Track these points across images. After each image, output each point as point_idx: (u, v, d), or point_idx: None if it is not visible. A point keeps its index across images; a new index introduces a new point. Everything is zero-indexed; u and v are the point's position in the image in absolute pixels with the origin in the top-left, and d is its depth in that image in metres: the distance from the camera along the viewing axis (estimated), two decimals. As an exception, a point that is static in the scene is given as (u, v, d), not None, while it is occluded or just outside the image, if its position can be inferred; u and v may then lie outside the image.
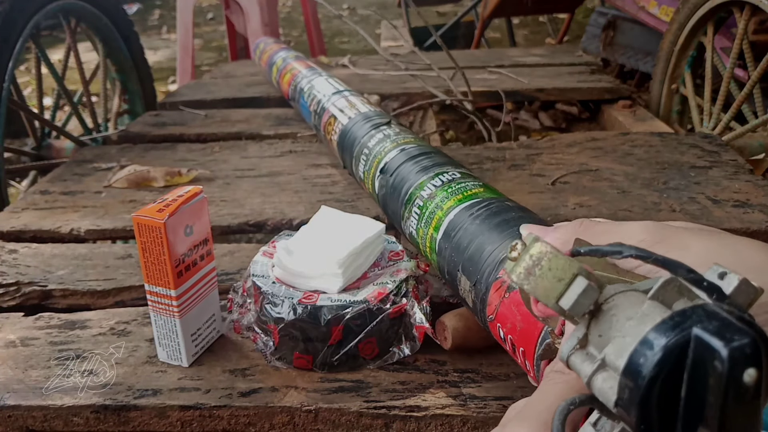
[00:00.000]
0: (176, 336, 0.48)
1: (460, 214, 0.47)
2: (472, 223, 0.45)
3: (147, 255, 0.45)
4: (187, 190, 0.48)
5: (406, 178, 0.56)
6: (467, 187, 0.50)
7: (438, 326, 0.49)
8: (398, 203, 0.56)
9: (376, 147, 0.64)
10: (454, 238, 0.46)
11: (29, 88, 2.84)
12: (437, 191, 0.51)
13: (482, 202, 0.47)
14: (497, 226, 0.43)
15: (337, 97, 0.83)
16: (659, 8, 1.72)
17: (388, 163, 0.61)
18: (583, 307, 0.23)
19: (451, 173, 0.53)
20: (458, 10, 3.10)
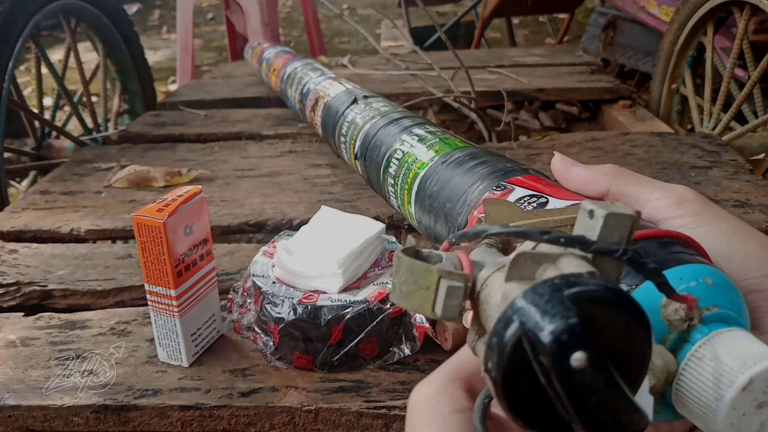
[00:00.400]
0: (176, 336, 0.48)
1: (434, 166, 0.47)
2: (445, 172, 0.45)
3: (147, 255, 0.45)
4: (187, 189, 0.48)
5: (383, 143, 0.57)
6: (443, 140, 0.50)
7: (438, 326, 0.49)
8: (378, 170, 0.57)
9: (355, 120, 0.66)
10: (428, 190, 0.46)
11: (29, 88, 2.84)
12: (413, 148, 0.52)
13: (455, 153, 0.47)
14: (471, 169, 0.43)
15: (317, 80, 0.84)
16: (659, 8, 1.72)
17: (367, 133, 0.61)
18: (455, 309, 0.22)
19: (424, 129, 0.54)
20: (458, 10, 3.10)
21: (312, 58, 1.10)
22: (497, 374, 0.19)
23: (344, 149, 0.69)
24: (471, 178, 0.42)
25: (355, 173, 0.85)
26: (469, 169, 0.43)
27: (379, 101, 0.68)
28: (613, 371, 0.19)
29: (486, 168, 0.42)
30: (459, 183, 0.43)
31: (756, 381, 0.21)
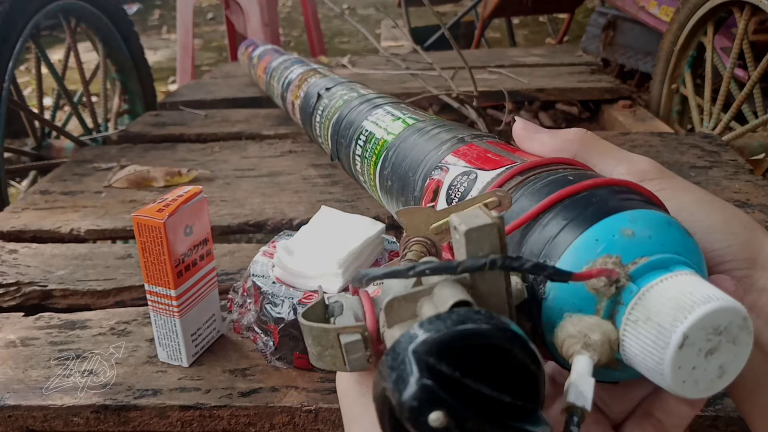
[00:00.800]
0: (176, 336, 0.48)
1: (396, 140, 0.48)
2: (405, 143, 0.45)
3: (147, 255, 0.45)
4: (187, 190, 0.48)
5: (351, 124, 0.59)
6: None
7: None
8: (349, 150, 0.58)
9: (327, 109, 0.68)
10: (389, 161, 0.47)
11: (29, 88, 2.84)
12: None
13: (417, 125, 0.48)
14: (430, 138, 0.43)
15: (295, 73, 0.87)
16: (659, 8, 1.72)
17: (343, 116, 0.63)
18: (361, 361, 0.22)
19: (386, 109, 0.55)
20: (458, 10, 3.10)
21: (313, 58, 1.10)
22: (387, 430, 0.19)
23: (321, 140, 0.71)
24: (428, 145, 0.41)
25: (355, 173, 0.85)
26: (429, 138, 0.43)
27: (344, 89, 0.70)
28: (484, 410, 0.18)
29: (441, 137, 0.42)
30: (417, 153, 0.42)
31: (692, 334, 0.20)
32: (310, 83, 0.79)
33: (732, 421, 0.43)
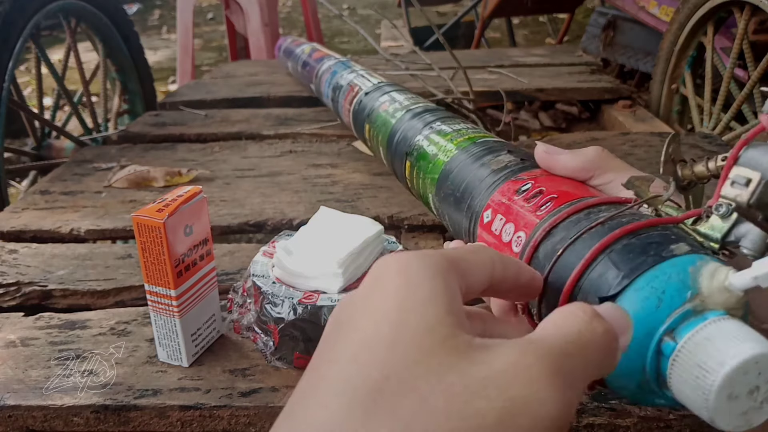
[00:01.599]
0: (176, 336, 0.48)
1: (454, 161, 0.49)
2: (463, 166, 0.47)
3: (147, 255, 0.45)
4: (187, 189, 0.48)
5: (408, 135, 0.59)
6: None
7: None
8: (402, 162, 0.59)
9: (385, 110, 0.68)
10: (448, 181, 0.48)
11: (29, 88, 2.84)
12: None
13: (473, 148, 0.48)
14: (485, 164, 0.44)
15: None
16: (659, 8, 1.72)
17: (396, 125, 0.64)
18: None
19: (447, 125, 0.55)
20: (458, 10, 3.10)
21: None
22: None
23: (373, 141, 0.72)
24: (484, 171, 0.44)
25: (356, 173, 0.85)
26: (484, 163, 0.45)
27: (402, 95, 0.70)
28: None
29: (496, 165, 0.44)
30: (477, 175, 0.44)
31: (734, 378, 0.22)
32: (361, 92, 0.80)
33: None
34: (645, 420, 0.43)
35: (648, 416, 0.43)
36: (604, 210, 0.32)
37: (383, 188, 0.80)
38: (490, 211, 0.39)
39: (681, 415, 0.43)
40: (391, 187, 0.80)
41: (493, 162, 0.43)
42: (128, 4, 4.76)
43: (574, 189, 0.36)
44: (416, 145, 0.56)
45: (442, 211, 0.49)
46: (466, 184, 0.44)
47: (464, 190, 0.44)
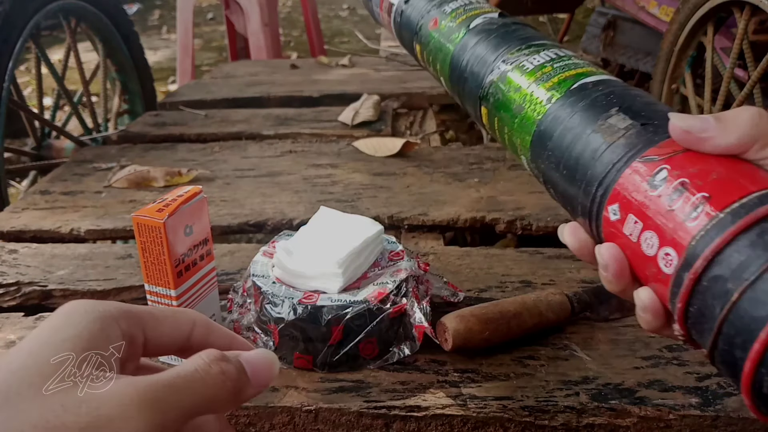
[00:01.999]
0: None
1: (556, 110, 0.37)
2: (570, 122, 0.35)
3: (147, 255, 0.45)
4: (187, 189, 0.48)
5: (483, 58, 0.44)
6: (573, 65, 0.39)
7: (438, 327, 0.49)
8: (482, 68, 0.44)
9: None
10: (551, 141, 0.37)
11: (29, 88, 2.84)
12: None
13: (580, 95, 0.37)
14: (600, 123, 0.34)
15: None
16: (659, 8, 1.72)
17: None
18: None
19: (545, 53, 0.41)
20: (458, 10, 3.09)
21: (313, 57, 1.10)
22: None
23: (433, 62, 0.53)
24: (597, 140, 0.33)
25: (356, 173, 0.85)
26: (594, 129, 0.34)
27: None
28: None
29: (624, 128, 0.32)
30: (589, 146, 0.34)
31: None
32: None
33: (732, 421, 0.43)
34: (645, 420, 0.43)
35: (648, 416, 0.43)
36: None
37: (383, 188, 0.80)
38: (618, 207, 0.31)
39: (681, 415, 0.43)
40: (391, 187, 0.80)
41: (604, 128, 0.33)
42: (128, 4, 4.76)
43: (730, 177, 0.27)
44: (491, 89, 0.42)
45: (546, 180, 0.39)
46: (577, 157, 0.34)
47: (576, 165, 0.34)
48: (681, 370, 0.47)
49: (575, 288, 0.58)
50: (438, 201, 0.76)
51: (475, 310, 0.49)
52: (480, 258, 0.64)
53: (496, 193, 0.77)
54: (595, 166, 0.33)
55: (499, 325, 0.49)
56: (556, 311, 0.52)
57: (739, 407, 0.43)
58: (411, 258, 0.53)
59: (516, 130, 0.40)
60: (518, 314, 0.50)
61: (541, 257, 0.64)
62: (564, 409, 0.44)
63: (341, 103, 1.16)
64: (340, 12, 4.83)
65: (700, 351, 0.27)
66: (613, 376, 0.47)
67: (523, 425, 0.44)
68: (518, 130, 0.40)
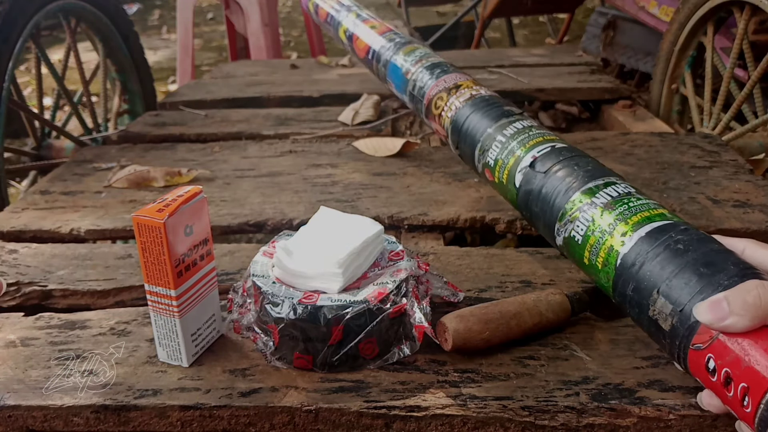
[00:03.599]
0: (176, 336, 0.48)
1: (655, 234, 0.46)
2: (673, 249, 0.44)
3: (147, 255, 0.45)
4: (187, 189, 0.48)
5: (561, 183, 0.55)
6: (651, 206, 0.49)
7: (438, 327, 0.49)
8: (552, 208, 0.55)
9: (514, 139, 0.62)
10: (650, 259, 0.45)
11: (29, 88, 2.84)
12: (615, 203, 0.50)
13: (679, 225, 0.46)
14: (705, 255, 0.43)
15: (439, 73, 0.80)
16: (659, 8, 1.72)
17: (539, 159, 0.58)
18: None
19: (623, 185, 0.52)
20: (458, 10, 3.10)
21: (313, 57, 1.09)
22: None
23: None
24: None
25: (356, 173, 0.85)
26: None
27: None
28: None
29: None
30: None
31: None
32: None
33: (732, 420, 0.43)
34: (645, 420, 0.43)
35: (648, 416, 0.43)
36: None
37: (383, 188, 0.80)
38: (712, 362, 0.39)
39: (681, 416, 0.43)
40: (391, 187, 0.80)
41: (657, 314, 0.43)
42: (128, 4, 4.75)
43: (759, 360, 0.36)
44: (567, 221, 0.52)
45: (621, 283, 0.47)
46: (649, 333, 0.45)
47: (652, 335, 0.45)
48: (681, 371, 0.47)
49: (575, 288, 0.58)
50: (438, 201, 0.76)
51: (475, 310, 0.49)
52: (480, 258, 0.64)
53: (496, 192, 0.77)
54: (667, 347, 0.43)
55: (499, 325, 0.49)
56: (556, 311, 0.52)
57: (739, 407, 0.43)
58: (411, 258, 0.53)
59: (594, 271, 0.50)
60: (518, 314, 0.50)
61: (541, 257, 0.64)
62: (564, 409, 0.44)
63: (341, 103, 1.16)
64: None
65: None
66: (613, 376, 0.47)
67: (523, 425, 0.44)
68: (598, 271, 0.50)
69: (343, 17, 1.13)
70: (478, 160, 0.67)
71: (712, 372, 0.39)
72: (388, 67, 0.92)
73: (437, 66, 0.82)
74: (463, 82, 0.77)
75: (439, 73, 0.80)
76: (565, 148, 0.59)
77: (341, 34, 1.13)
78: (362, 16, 1.08)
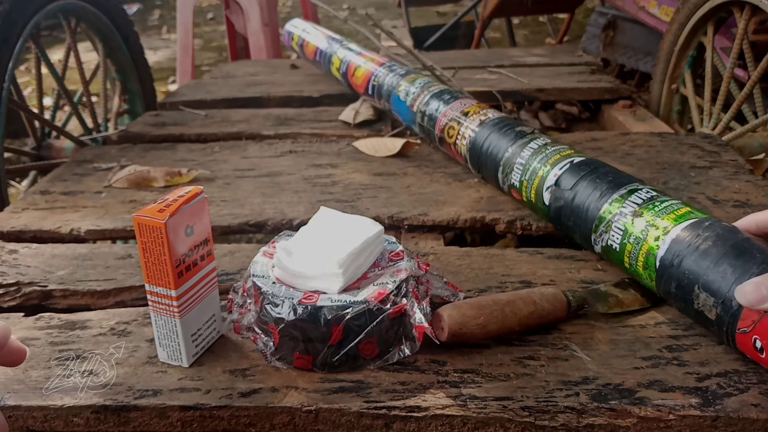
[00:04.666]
0: (176, 336, 0.48)
1: (685, 233, 0.51)
2: (703, 246, 0.49)
3: (147, 255, 0.45)
4: (188, 190, 0.48)
5: (588, 197, 0.60)
6: (675, 207, 0.54)
7: (434, 319, 0.49)
8: (585, 221, 0.60)
9: (533, 159, 0.67)
10: (686, 257, 0.50)
11: (29, 88, 2.84)
12: (642, 210, 0.55)
13: (704, 222, 0.51)
14: (733, 247, 0.48)
15: (451, 101, 0.83)
16: (659, 8, 1.72)
17: (562, 176, 0.63)
18: None
19: (645, 190, 0.57)
20: (458, 10, 3.10)
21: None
22: None
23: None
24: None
25: (356, 173, 0.85)
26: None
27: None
28: None
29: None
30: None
31: None
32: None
33: (732, 421, 0.43)
34: (645, 420, 0.43)
35: (648, 416, 0.43)
36: None
37: (383, 188, 0.80)
38: (758, 342, 0.44)
39: (681, 416, 0.43)
40: (391, 187, 0.80)
41: (701, 305, 0.48)
42: (128, 4, 4.76)
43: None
44: (602, 231, 0.57)
45: (666, 282, 0.52)
46: (697, 320, 0.50)
47: (700, 322, 0.50)
48: (681, 371, 0.47)
49: (575, 288, 0.58)
50: (438, 201, 0.76)
51: (468, 300, 0.50)
52: (480, 258, 0.64)
53: (496, 193, 0.77)
54: (716, 333, 0.48)
55: (493, 311, 0.49)
56: (550, 300, 0.52)
57: (739, 407, 0.43)
58: (411, 258, 0.53)
59: (638, 275, 0.55)
60: (511, 302, 0.51)
61: (541, 257, 0.64)
62: (564, 409, 0.44)
63: (341, 103, 1.16)
64: (340, 12, 4.82)
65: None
66: (613, 377, 0.47)
67: (523, 425, 0.44)
68: (640, 273, 0.55)
69: (336, 50, 1.15)
70: (503, 182, 0.72)
71: (760, 350, 0.43)
72: (392, 101, 0.95)
73: (440, 96, 0.86)
74: (470, 108, 0.80)
75: (446, 100, 0.84)
76: (584, 162, 0.63)
77: (334, 70, 1.15)
78: (354, 50, 1.11)
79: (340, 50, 1.15)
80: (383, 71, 0.99)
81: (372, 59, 1.05)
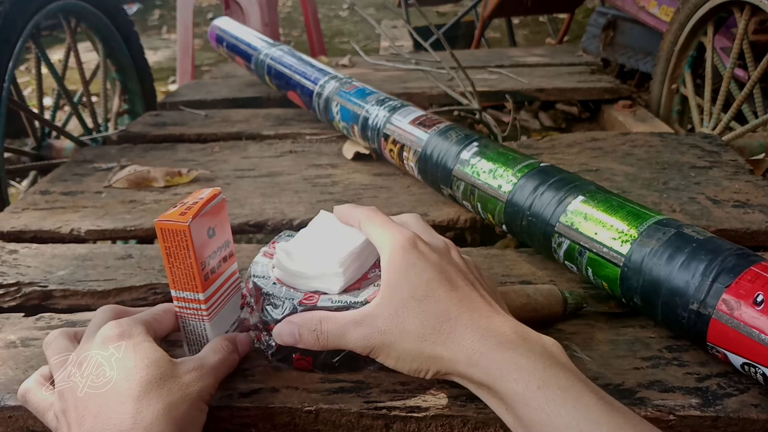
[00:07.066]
0: (205, 340, 0.47)
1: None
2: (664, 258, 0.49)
3: (172, 260, 0.45)
4: (207, 192, 0.47)
5: (543, 211, 0.58)
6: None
7: None
8: (541, 234, 0.59)
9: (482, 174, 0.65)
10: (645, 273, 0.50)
11: (29, 88, 2.84)
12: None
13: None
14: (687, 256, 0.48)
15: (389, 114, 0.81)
16: (659, 8, 1.72)
17: (515, 194, 0.61)
18: None
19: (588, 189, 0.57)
20: (458, 10, 3.10)
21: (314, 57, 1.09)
22: None
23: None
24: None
25: (356, 173, 0.85)
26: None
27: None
28: None
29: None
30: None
31: None
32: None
33: (732, 421, 0.43)
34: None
35: (648, 417, 0.43)
36: None
37: (383, 188, 0.80)
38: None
39: (681, 416, 0.43)
40: (391, 187, 0.80)
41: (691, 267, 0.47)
42: (128, 4, 4.76)
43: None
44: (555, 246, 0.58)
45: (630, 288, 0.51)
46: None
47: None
48: (681, 371, 0.47)
49: (575, 288, 0.58)
50: (438, 201, 0.76)
51: None
52: (480, 258, 0.64)
53: (496, 193, 0.77)
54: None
55: None
56: (544, 295, 0.52)
57: (739, 408, 0.43)
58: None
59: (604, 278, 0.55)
60: (504, 293, 0.51)
61: (541, 257, 0.64)
62: (564, 409, 0.44)
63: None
64: (340, 12, 4.83)
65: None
66: (613, 377, 0.47)
67: (523, 426, 0.44)
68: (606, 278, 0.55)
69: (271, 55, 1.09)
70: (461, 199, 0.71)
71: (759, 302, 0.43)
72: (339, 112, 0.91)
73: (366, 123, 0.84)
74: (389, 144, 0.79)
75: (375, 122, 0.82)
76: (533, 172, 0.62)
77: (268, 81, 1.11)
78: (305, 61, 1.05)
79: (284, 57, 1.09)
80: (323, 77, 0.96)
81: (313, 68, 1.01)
